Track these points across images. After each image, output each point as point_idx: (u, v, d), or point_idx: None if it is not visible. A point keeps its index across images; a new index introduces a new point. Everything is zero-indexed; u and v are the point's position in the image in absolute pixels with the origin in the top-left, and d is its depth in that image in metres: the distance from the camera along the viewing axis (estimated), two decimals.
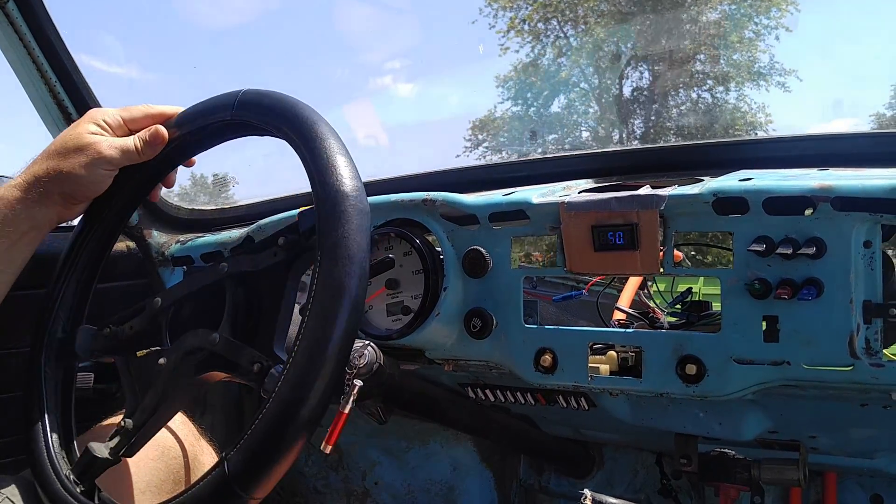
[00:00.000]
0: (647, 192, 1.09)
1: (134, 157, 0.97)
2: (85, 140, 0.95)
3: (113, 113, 0.99)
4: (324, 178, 0.78)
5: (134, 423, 0.92)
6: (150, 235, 1.69)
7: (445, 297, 1.21)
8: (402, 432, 1.84)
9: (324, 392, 0.73)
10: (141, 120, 0.99)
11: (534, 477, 1.81)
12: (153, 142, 0.97)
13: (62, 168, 0.93)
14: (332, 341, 0.73)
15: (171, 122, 1.00)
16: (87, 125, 0.97)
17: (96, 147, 0.94)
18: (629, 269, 1.11)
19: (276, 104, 0.87)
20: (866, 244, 0.98)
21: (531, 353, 1.18)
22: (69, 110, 1.51)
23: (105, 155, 0.95)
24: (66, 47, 1.46)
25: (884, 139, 1.20)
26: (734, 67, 14.66)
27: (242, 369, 0.84)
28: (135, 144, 0.97)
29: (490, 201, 1.21)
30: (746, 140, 1.34)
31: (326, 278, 0.74)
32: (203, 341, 0.89)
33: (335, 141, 0.83)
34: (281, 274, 0.87)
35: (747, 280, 1.01)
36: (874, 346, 0.98)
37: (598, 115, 14.21)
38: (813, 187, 0.98)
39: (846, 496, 1.44)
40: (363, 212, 0.78)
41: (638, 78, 14.41)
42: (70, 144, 0.94)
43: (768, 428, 1.21)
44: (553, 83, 14.86)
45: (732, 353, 1.04)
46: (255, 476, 0.74)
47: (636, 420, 1.27)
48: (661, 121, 13.86)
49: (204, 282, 0.93)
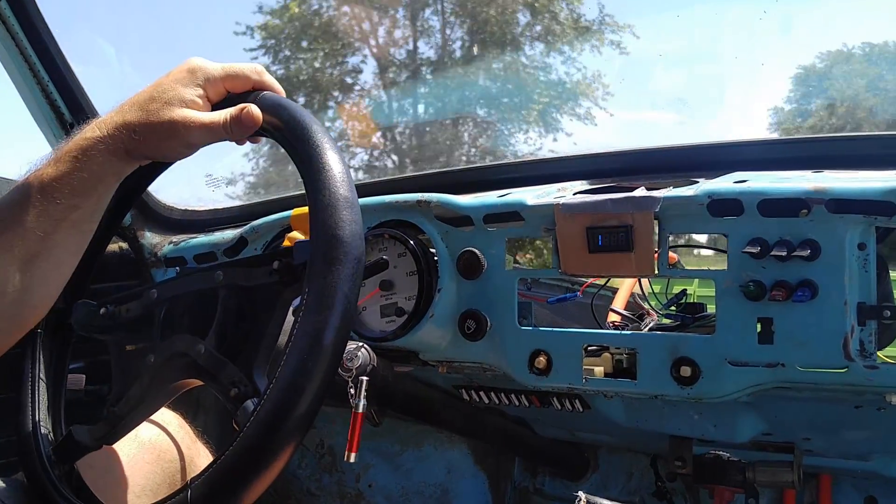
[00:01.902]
0: (641, 193, 1.09)
1: (222, 137, 0.88)
2: (179, 116, 0.86)
3: (216, 71, 0.89)
4: (324, 219, 0.77)
5: (117, 412, 0.92)
6: (143, 236, 1.69)
7: (439, 299, 1.21)
8: (396, 434, 1.84)
9: (290, 439, 0.73)
10: (242, 81, 0.90)
11: (528, 479, 1.81)
12: (247, 123, 0.86)
13: (149, 140, 0.86)
14: (305, 392, 0.73)
15: (259, 101, 0.89)
16: (187, 90, 0.87)
17: (190, 127, 0.86)
18: (624, 270, 1.11)
19: (294, 119, 0.84)
20: (860, 246, 0.98)
21: (526, 354, 1.17)
22: (61, 110, 1.50)
23: (195, 140, 0.87)
24: (58, 46, 1.45)
25: (878, 142, 1.20)
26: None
27: (221, 387, 0.84)
28: (225, 124, 0.87)
29: (485, 203, 1.21)
30: (741, 142, 1.34)
31: (307, 326, 0.74)
32: (189, 348, 0.88)
33: (342, 176, 0.80)
34: (272, 296, 0.86)
35: (742, 282, 1.01)
36: (868, 348, 0.98)
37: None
38: (807, 189, 0.98)
39: (840, 498, 1.44)
40: (356, 259, 0.77)
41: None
42: (164, 117, 0.85)
43: (763, 430, 1.21)
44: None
45: (727, 354, 1.04)
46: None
47: (631, 422, 1.27)
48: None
49: (198, 285, 0.92)
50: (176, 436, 1.14)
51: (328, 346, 0.74)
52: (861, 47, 10.51)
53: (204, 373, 0.87)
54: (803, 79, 10.60)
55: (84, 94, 1.51)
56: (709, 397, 1.07)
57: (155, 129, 0.86)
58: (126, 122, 0.86)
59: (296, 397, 0.73)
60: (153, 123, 0.86)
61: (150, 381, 0.91)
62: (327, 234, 0.76)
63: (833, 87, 10.37)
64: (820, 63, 11.08)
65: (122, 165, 0.88)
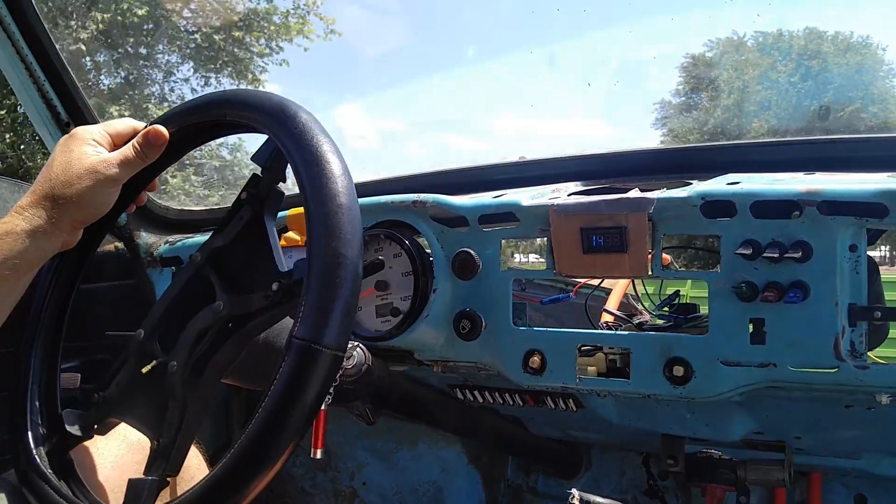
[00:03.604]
0: (636, 195, 1.09)
1: (137, 164, 0.94)
2: (87, 162, 0.92)
3: (98, 130, 0.96)
4: (326, 243, 0.76)
5: (164, 443, 0.87)
6: (139, 236, 1.69)
7: (435, 299, 1.21)
8: (391, 433, 1.85)
9: (289, 439, 0.74)
10: (125, 133, 0.97)
11: (521, 477, 1.82)
12: (154, 142, 0.94)
13: (70, 195, 0.90)
14: (295, 411, 0.73)
15: (161, 122, 0.97)
16: (82, 147, 0.93)
17: (100, 168, 0.92)
18: (618, 271, 1.12)
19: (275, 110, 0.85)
20: (852, 248, 0.99)
21: (520, 354, 1.18)
22: (58, 110, 1.50)
23: (110, 174, 0.92)
24: (55, 46, 1.45)
25: (869, 144, 1.22)
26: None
27: (260, 301, 0.84)
28: (134, 151, 0.94)
29: (480, 203, 1.21)
30: (734, 144, 1.35)
31: (298, 342, 0.74)
32: (208, 320, 0.87)
33: (344, 187, 0.79)
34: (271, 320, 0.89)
35: (734, 283, 1.02)
36: (859, 349, 0.99)
37: None
38: (800, 191, 0.99)
39: (830, 496, 1.46)
40: (356, 278, 0.77)
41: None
42: (73, 170, 0.91)
43: (754, 429, 1.22)
44: None
45: (719, 354, 1.05)
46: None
47: (624, 421, 1.28)
48: None
49: (199, 326, 0.89)
50: None
51: (311, 393, 0.74)
52: (754, 36, 10.32)
53: (239, 319, 0.88)
54: (691, 68, 10.45)
55: (81, 94, 1.51)
56: (701, 397, 1.08)
57: (74, 182, 0.90)
58: (45, 195, 0.90)
59: (282, 422, 0.73)
60: (72, 177, 0.91)
61: (182, 390, 0.88)
62: (328, 257, 0.75)
63: (721, 77, 10.18)
64: (709, 52, 10.89)
65: (44, 243, 0.91)
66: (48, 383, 1.00)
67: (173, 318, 0.93)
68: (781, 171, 1.16)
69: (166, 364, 0.88)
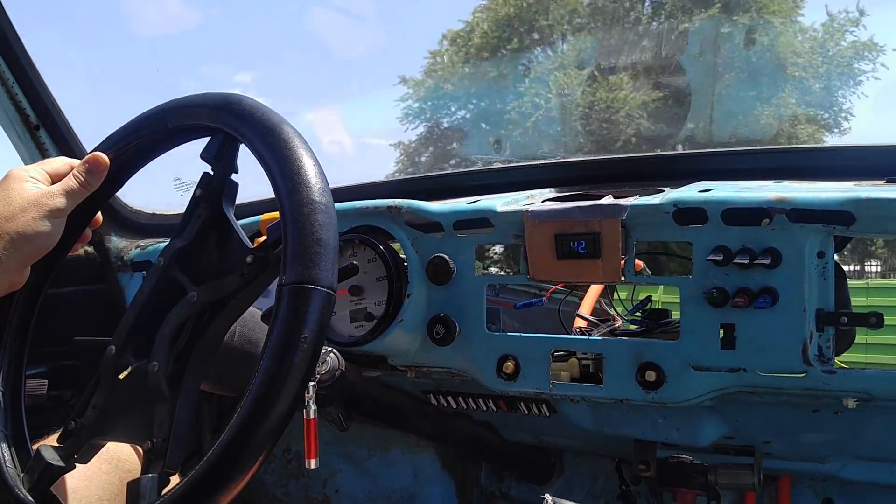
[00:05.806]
0: (609, 201, 1.10)
1: (80, 193, 0.92)
2: (29, 195, 0.89)
3: (35, 168, 0.93)
4: (297, 193, 0.76)
5: (158, 442, 0.84)
6: (109, 240, 1.67)
7: (409, 304, 1.21)
8: (364, 439, 1.83)
9: (263, 446, 0.73)
10: (62, 171, 0.94)
11: (495, 483, 1.82)
12: (95, 169, 0.93)
13: (13, 230, 0.87)
14: (278, 402, 0.73)
15: (100, 149, 0.95)
16: (22, 183, 0.90)
17: (43, 199, 0.89)
18: (591, 277, 1.13)
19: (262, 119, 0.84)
20: (820, 255, 1.01)
21: (494, 359, 1.18)
22: (27, 112, 1.48)
23: (54, 205, 0.89)
24: (23, 46, 1.43)
25: (837, 153, 1.24)
26: None
27: (235, 281, 0.84)
28: (76, 180, 0.92)
29: (454, 209, 1.22)
30: (706, 152, 1.37)
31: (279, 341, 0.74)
32: (184, 312, 0.86)
33: (303, 145, 0.80)
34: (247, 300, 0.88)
35: (706, 289, 1.04)
36: (826, 354, 1.01)
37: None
38: (769, 199, 1.01)
39: (799, 500, 1.47)
40: (332, 220, 0.77)
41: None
42: (15, 204, 0.88)
43: (724, 434, 1.23)
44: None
45: (691, 359, 1.06)
46: None
47: (596, 426, 1.28)
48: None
49: (173, 324, 0.87)
50: (135, 445, 1.12)
51: (285, 402, 0.73)
52: None
53: (216, 303, 0.86)
54: None
55: (50, 95, 1.49)
56: (673, 401, 1.08)
57: (17, 215, 0.88)
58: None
59: (268, 408, 0.72)
60: (14, 211, 0.88)
61: (169, 390, 0.85)
62: (299, 278, 0.75)
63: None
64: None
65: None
66: (14, 394, 0.96)
67: (144, 326, 0.90)
68: (751, 179, 1.18)
69: (146, 366, 0.86)
